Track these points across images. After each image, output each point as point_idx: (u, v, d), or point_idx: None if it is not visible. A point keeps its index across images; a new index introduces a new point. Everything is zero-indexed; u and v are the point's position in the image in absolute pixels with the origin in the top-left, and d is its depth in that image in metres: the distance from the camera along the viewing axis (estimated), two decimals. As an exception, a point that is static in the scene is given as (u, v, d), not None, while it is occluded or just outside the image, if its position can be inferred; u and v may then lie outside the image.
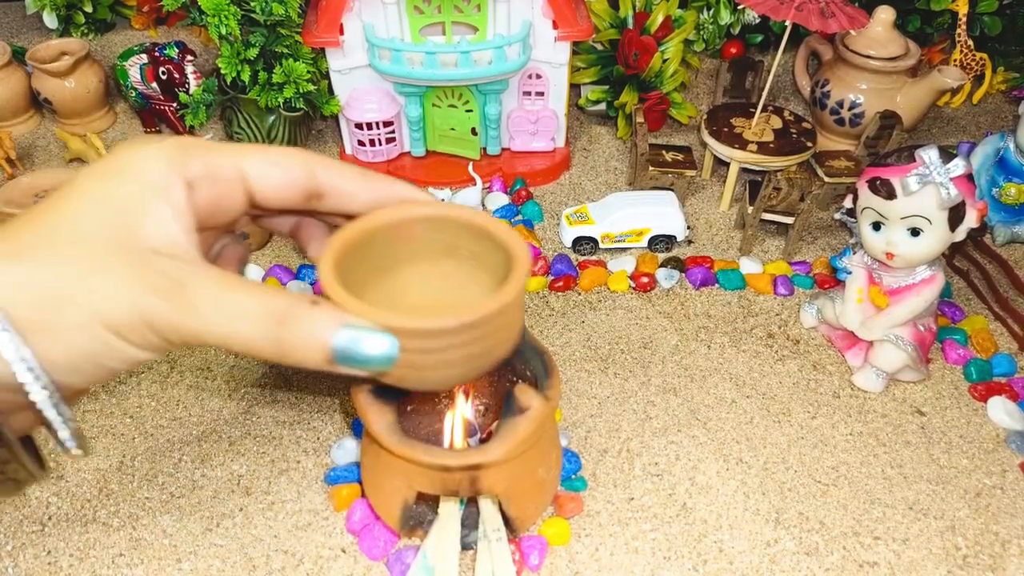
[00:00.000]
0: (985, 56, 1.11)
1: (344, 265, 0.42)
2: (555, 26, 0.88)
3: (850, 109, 0.99)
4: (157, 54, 0.98)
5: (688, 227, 0.88)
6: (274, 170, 0.39)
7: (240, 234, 0.47)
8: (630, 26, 1.01)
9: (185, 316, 0.33)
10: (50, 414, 0.33)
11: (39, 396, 0.32)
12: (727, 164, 0.93)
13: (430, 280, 0.50)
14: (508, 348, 0.46)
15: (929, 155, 0.62)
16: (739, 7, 1.12)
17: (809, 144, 0.91)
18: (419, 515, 0.58)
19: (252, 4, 0.86)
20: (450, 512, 0.57)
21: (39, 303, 0.31)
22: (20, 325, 0.31)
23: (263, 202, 0.40)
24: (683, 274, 0.85)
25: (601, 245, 0.87)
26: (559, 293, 0.83)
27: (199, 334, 0.34)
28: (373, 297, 0.47)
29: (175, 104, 1.01)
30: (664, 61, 1.01)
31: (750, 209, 0.86)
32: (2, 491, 0.34)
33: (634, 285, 0.83)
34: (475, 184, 0.92)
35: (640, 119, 0.92)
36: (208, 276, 0.34)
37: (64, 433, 0.34)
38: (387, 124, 0.95)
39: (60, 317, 0.32)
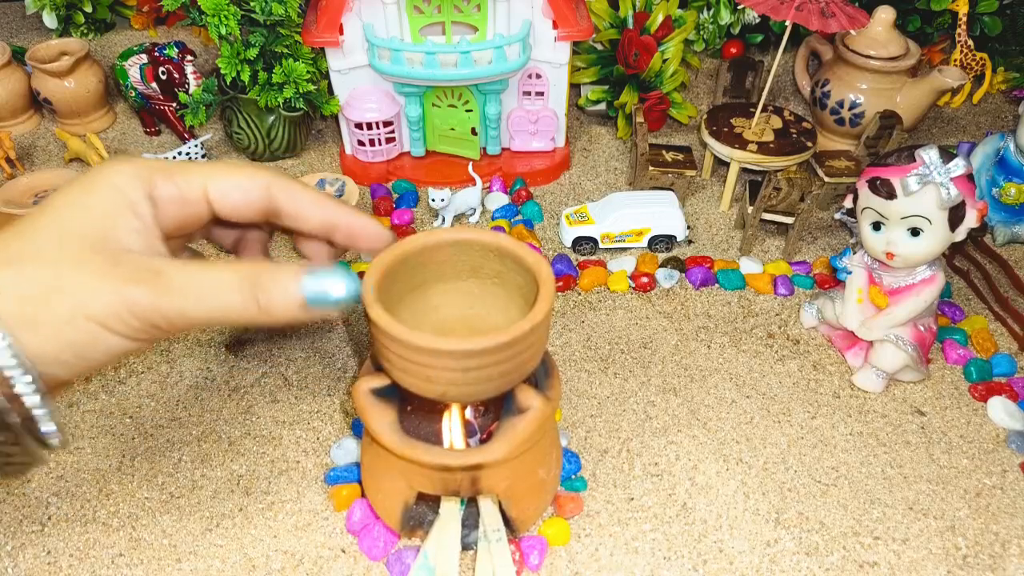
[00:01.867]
0: (985, 56, 1.12)
1: (381, 286, 0.47)
2: (555, 26, 0.88)
3: (850, 109, 0.99)
4: (157, 54, 0.98)
5: (688, 227, 0.89)
6: (235, 192, 0.43)
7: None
8: (630, 26, 1.01)
9: (166, 298, 0.36)
10: (32, 403, 0.35)
11: (24, 387, 0.34)
12: (727, 164, 0.93)
13: (457, 298, 0.54)
14: (537, 361, 0.49)
15: (929, 155, 0.62)
16: (739, 7, 1.12)
17: (809, 144, 0.91)
18: (419, 515, 0.58)
19: (252, 4, 0.86)
20: (451, 512, 0.57)
21: (26, 301, 0.34)
22: (8, 321, 0.33)
23: (224, 217, 0.44)
24: (683, 274, 0.85)
25: (601, 245, 0.87)
26: (559, 293, 0.83)
27: (183, 311, 0.37)
28: (405, 315, 0.52)
29: (175, 104, 1.01)
30: (664, 61, 1.01)
31: (750, 209, 0.86)
32: (6, 474, 0.37)
33: (634, 285, 0.83)
34: (475, 184, 0.92)
35: (640, 119, 0.92)
36: (180, 262, 0.38)
37: (47, 426, 0.36)
38: (387, 124, 0.95)
39: (46, 312, 0.34)
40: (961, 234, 0.65)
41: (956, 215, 0.63)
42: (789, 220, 0.86)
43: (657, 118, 1.05)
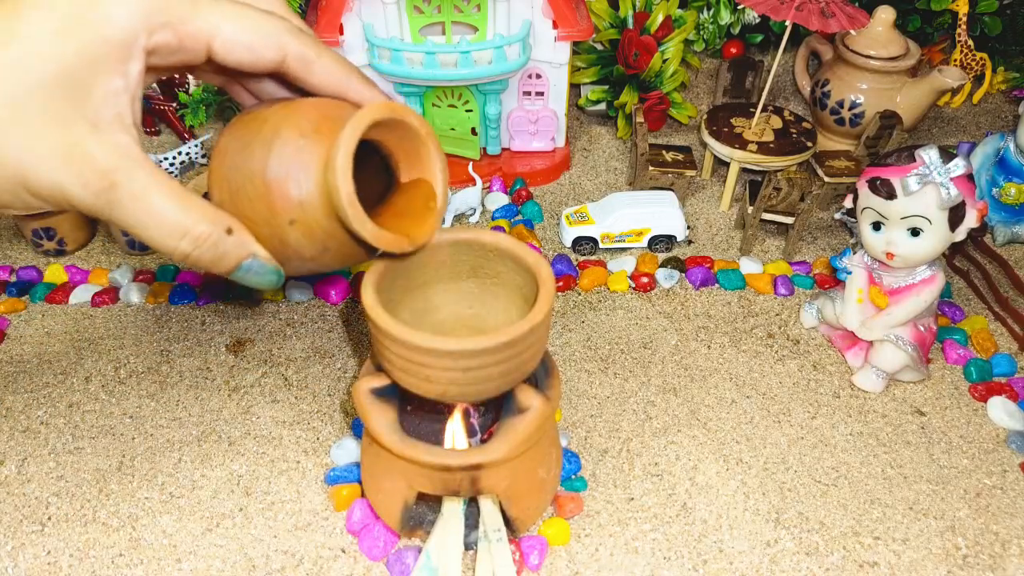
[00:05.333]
0: (985, 56, 1.12)
1: (381, 286, 0.47)
2: (555, 26, 0.88)
3: (850, 109, 0.99)
4: (157, 54, 0.98)
5: (688, 227, 0.89)
6: (242, 51, 0.39)
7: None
8: (630, 26, 1.01)
9: (109, 211, 0.36)
10: None
11: None
12: (727, 164, 0.93)
13: (456, 298, 0.54)
14: (537, 362, 0.50)
15: (929, 155, 0.62)
16: (739, 7, 1.12)
17: (809, 144, 0.91)
18: (419, 515, 0.58)
19: (252, 4, 0.86)
20: (453, 512, 0.57)
21: None
22: None
23: (223, 65, 0.40)
24: (683, 274, 0.85)
25: (601, 245, 0.87)
26: (559, 293, 0.83)
27: (118, 223, 0.37)
28: (405, 315, 0.52)
29: (175, 104, 1.01)
30: (664, 61, 1.01)
31: (750, 209, 0.86)
32: None
33: (634, 285, 0.83)
34: (475, 184, 0.92)
35: (640, 119, 0.92)
36: (139, 179, 0.36)
37: None
38: (387, 124, 0.95)
39: None
40: (961, 234, 0.65)
41: (956, 215, 0.63)
42: (789, 220, 0.86)
43: (657, 118, 1.05)
